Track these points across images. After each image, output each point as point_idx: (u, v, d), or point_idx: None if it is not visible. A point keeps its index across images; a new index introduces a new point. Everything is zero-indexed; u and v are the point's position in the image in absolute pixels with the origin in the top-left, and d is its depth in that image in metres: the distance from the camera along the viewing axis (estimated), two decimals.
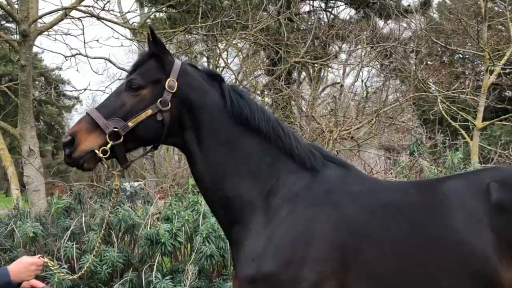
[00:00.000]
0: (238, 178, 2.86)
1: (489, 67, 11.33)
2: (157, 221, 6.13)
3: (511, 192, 2.70)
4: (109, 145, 2.69)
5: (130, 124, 2.72)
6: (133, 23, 10.63)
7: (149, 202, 7.06)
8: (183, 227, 5.62)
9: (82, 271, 3.47)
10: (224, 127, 2.86)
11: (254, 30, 10.16)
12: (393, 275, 2.70)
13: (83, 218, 6.08)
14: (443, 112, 13.15)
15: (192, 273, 5.26)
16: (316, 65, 10.42)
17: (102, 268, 5.38)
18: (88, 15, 7.65)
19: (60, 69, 35.55)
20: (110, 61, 10.52)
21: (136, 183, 9.71)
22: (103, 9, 7.53)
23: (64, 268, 5.23)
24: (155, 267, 5.38)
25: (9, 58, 11.34)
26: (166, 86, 2.78)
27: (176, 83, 2.80)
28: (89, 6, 7.81)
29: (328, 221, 2.74)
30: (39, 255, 3.34)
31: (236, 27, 10.17)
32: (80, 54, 9.77)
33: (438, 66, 18.47)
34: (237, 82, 12.18)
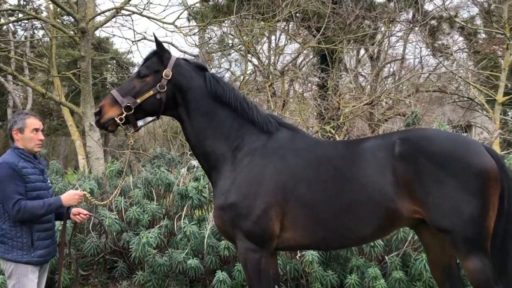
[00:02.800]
0: (214, 139, 3.95)
1: (509, 45, 11.72)
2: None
3: (409, 146, 3.65)
4: (124, 115, 3.83)
5: (138, 100, 3.85)
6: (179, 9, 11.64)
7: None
8: (207, 185, 6.77)
9: (106, 201, 4.82)
10: (205, 104, 3.95)
11: (286, 15, 10.92)
12: (320, 205, 3.71)
13: (131, 178, 7.39)
14: (471, 87, 13.61)
15: (212, 220, 6.41)
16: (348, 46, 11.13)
17: (144, 217, 6.65)
18: (132, 12, 8.88)
19: (130, 52, 37.37)
20: (173, 45, 11.52)
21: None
22: (144, 9, 8.76)
23: (114, 215, 6.54)
24: (183, 215, 6.59)
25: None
26: (163, 74, 3.89)
27: (171, 72, 3.90)
28: (135, 5, 9.04)
29: (275, 168, 3.79)
30: (81, 189, 4.59)
31: (269, 15, 10.97)
32: (145, 38, 10.86)
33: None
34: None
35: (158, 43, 3.96)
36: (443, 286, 4.05)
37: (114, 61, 37.51)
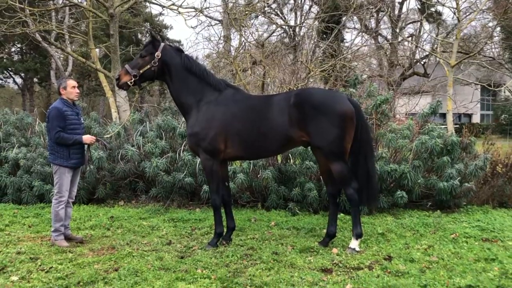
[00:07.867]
0: (186, 95, 6.17)
1: (459, 18, 13.45)
2: None
3: (299, 98, 5.80)
4: (132, 80, 6.08)
5: (141, 71, 6.09)
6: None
7: None
8: None
9: (110, 134, 7.11)
10: (180, 73, 6.16)
11: None
12: (246, 133, 5.92)
13: (147, 124, 9.75)
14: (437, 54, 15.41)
15: None
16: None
17: (156, 151, 9.01)
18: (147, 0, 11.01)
19: (161, 14, 39.18)
20: (201, 11, 12.54)
21: None
22: None
23: (134, 147, 8.91)
24: (182, 149, 8.94)
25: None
26: (155, 55, 6.12)
27: (160, 54, 6.14)
28: None
29: (222, 112, 6.01)
30: (94, 135, 6.89)
31: None
32: (174, 4, 12.15)
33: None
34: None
35: (152, 35, 6.21)
36: (327, 183, 6.30)
37: (148, 24, 39.49)
